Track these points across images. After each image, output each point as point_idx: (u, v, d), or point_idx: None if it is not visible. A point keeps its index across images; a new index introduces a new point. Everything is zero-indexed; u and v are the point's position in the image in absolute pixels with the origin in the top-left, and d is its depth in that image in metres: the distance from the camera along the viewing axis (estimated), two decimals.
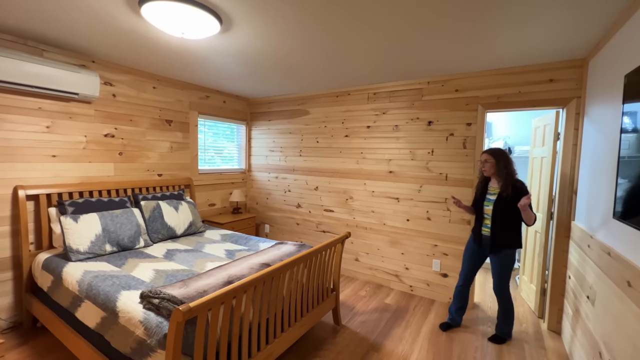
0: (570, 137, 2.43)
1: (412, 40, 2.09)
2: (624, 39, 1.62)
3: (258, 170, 4.40)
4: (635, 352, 1.26)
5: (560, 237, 2.48)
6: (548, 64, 2.47)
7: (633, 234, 1.35)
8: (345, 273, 3.65)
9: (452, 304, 2.55)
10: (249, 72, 3.02)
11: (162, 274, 1.99)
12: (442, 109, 2.96)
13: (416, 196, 3.14)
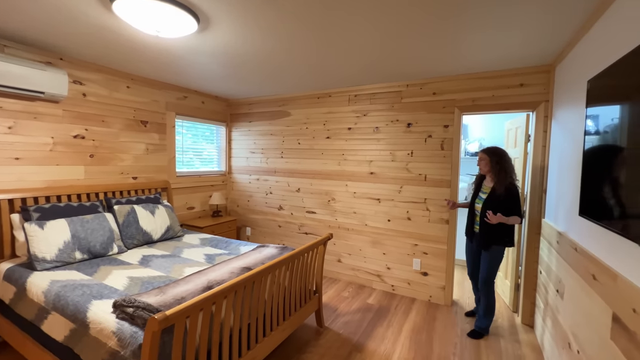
0: (540, 139, 2.56)
1: (391, 43, 2.13)
2: (587, 47, 1.72)
3: (239, 173, 4.32)
4: (600, 341, 1.34)
5: (532, 234, 2.60)
6: (518, 69, 2.59)
7: (596, 230, 1.44)
8: (328, 274, 3.65)
9: (476, 298, 2.69)
10: (229, 73, 2.97)
11: (137, 282, 1.90)
12: (420, 111, 3.04)
13: (397, 197, 3.19)
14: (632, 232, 1.10)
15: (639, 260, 1.08)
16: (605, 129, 1.36)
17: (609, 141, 1.32)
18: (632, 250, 1.11)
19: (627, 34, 1.26)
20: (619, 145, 1.22)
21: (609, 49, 1.41)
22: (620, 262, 1.21)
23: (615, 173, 1.24)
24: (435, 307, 2.96)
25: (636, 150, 1.09)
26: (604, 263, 1.33)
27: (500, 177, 2.27)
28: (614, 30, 1.40)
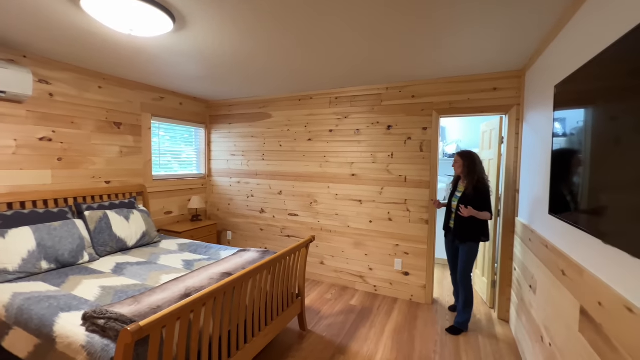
0: (513, 141, 2.67)
1: (371, 48, 2.16)
2: (553, 54, 1.82)
3: (219, 175, 4.23)
4: (569, 334, 1.40)
5: (507, 233, 2.70)
6: (492, 74, 2.69)
7: (564, 227, 1.51)
8: (311, 277, 3.64)
9: (454, 290, 2.88)
10: (208, 74, 2.90)
11: (110, 291, 1.81)
12: (400, 114, 3.09)
13: (378, 198, 3.23)
14: (595, 229, 1.16)
15: (602, 256, 1.14)
16: (572, 132, 1.43)
17: (575, 143, 1.39)
18: (597, 246, 1.17)
19: (588, 43, 1.34)
20: (582, 147, 1.29)
21: (573, 57, 1.50)
22: (586, 257, 1.28)
23: (579, 173, 1.31)
24: (416, 306, 3.01)
25: (597, 151, 1.16)
26: (572, 259, 1.40)
27: (469, 178, 2.47)
28: (576, 39, 1.48)
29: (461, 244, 2.51)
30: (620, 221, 1.00)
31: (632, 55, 0.97)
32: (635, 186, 0.92)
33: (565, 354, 1.43)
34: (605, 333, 1.09)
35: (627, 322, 0.96)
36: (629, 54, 0.99)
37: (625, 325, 0.97)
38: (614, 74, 1.08)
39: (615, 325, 1.03)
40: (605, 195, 1.10)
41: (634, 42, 0.96)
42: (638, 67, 0.93)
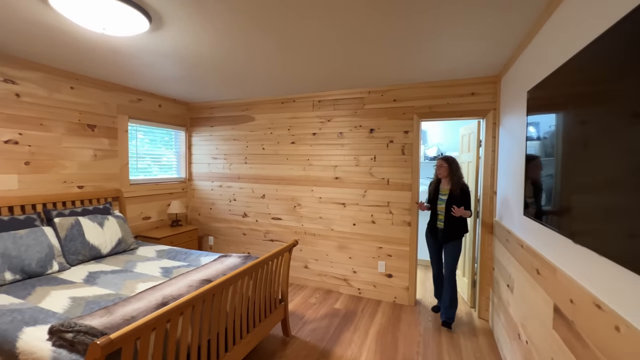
0: (490, 144, 2.75)
1: (353, 52, 2.17)
2: (526, 61, 1.89)
3: (200, 179, 4.14)
4: (544, 331, 1.45)
5: (485, 233, 2.77)
6: (470, 79, 2.77)
7: (538, 227, 1.56)
8: (295, 281, 3.60)
9: (435, 291, 2.97)
10: (187, 75, 2.84)
11: (81, 302, 1.72)
12: (382, 118, 3.13)
13: (361, 201, 3.25)
14: (566, 229, 1.20)
15: (573, 255, 1.18)
16: (543, 136, 1.49)
17: (546, 147, 1.44)
18: (567, 245, 1.22)
19: (556, 51, 1.40)
20: (552, 150, 1.34)
21: (543, 64, 1.56)
22: (559, 257, 1.32)
23: (551, 176, 1.36)
24: (399, 307, 3.04)
25: (567, 155, 1.20)
26: (545, 258, 1.45)
27: (454, 180, 2.65)
28: (546, 48, 1.54)
29: (448, 243, 2.66)
30: (588, 221, 1.04)
31: (596, 63, 1.02)
32: (600, 188, 0.96)
33: (540, 351, 1.48)
34: (576, 330, 1.13)
35: (596, 319, 1.00)
36: (593, 62, 1.04)
37: (595, 321, 1.01)
38: (580, 81, 1.13)
39: (586, 322, 1.07)
40: (574, 197, 1.14)
41: (596, 51, 1.01)
42: (602, 75, 0.98)
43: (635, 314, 0.83)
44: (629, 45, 0.85)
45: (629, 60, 0.84)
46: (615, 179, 0.87)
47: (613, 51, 0.92)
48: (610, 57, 0.94)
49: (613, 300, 0.93)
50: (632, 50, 0.83)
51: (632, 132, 0.81)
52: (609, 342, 0.93)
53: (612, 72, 0.92)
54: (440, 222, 2.72)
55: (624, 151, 0.84)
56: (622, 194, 0.85)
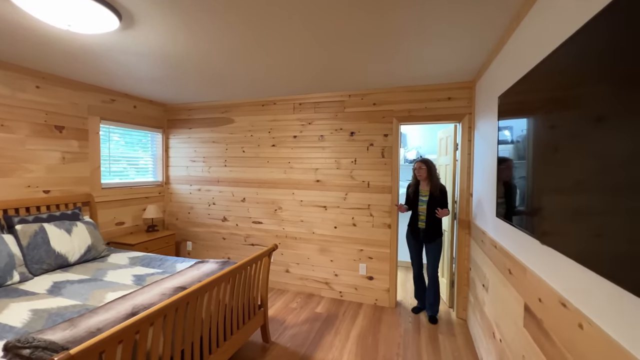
0: (466, 148, 2.83)
1: (333, 56, 2.18)
2: (498, 67, 1.96)
3: (177, 183, 4.02)
4: (516, 329, 1.49)
5: (462, 235, 2.84)
6: (446, 84, 2.84)
7: (509, 229, 1.61)
8: (276, 286, 3.55)
9: (416, 291, 3.02)
10: (163, 76, 2.75)
11: (43, 315, 1.61)
12: (362, 121, 3.16)
13: (342, 204, 3.25)
14: (534, 231, 1.24)
15: (541, 255, 1.22)
16: (513, 139, 1.54)
17: (519, 150, 1.49)
18: (536, 246, 1.26)
19: (523, 60, 1.45)
20: (519, 154, 1.39)
21: (513, 70, 1.62)
22: (528, 257, 1.37)
23: (520, 179, 1.40)
24: (380, 309, 3.05)
25: (535, 158, 1.25)
26: (516, 258, 1.49)
27: (433, 182, 2.79)
28: (514, 56, 1.60)
29: (431, 242, 2.80)
30: (554, 223, 1.08)
31: (559, 70, 1.06)
32: (567, 190, 1.00)
33: (512, 349, 1.52)
34: (545, 328, 1.16)
35: (562, 317, 1.03)
36: (557, 68, 1.08)
37: (560, 320, 1.04)
38: (545, 87, 1.17)
39: (553, 320, 1.10)
40: (543, 199, 1.18)
41: (560, 58, 1.06)
42: (566, 81, 1.02)
43: (597, 312, 0.86)
44: (588, 52, 0.89)
45: (590, 67, 0.88)
46: (581, 181, 0.91)
47: (574, 58, 0.97)
48: (573, 63, 0.98)
49: (577, 299, 0.96)
50: (592, 57, 0.87)
51: (597, 136, 0.83)
52: (573, 340, 0.96)
53: (576, 78, 0.96)
54: (422, 223, 2.83)
55: (589, 154, 0.87)
56: (586, 196, 0.88)
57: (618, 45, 0.75)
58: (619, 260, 0.73)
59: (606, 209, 0.78)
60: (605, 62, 0.80)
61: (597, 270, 0.83)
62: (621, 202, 0.73)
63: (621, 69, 0.74)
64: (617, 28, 0.76)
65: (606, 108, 0.79)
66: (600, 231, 0.80)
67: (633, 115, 0.69)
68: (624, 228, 0.71)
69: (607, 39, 0.80)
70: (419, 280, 2.98)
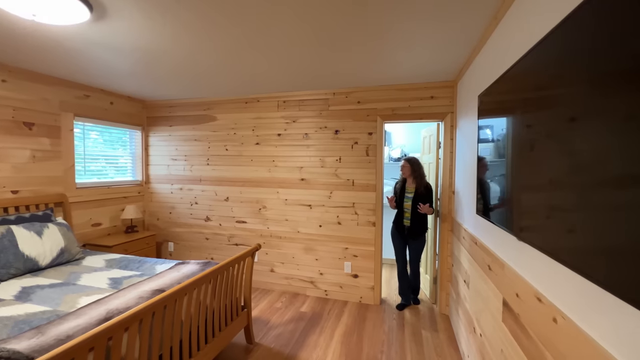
0: (448, 146, 2.87)
1: (317, 54, 2.15)
2: (477, 67, 1.99)
3: (158, 182, 3.90)
4: (495, 324, 1.52)
5: (445, 231, 2.89)
6: (429, 83, 2.87)
7: (488, 225, 1.64)
8: (261, 286, 3.51)
9: (400, 288, 3.10)
10: (141, 71, 2.65)
11: (8, 323, 1.52)
12: (347, 119, 3.15)
13: (327, 202, 3.24)
14: (512, 227, 1.26)
15: (519, 251, 1.25)
16: (491, 138, 1.57)
17: (494, 148, 1.52)
18: (513, 242, 1.28)
19: (500, 60, 1.48)
20: (501, 152, 1.41)
21: (491, 71, 1.64)
22: (507, 253, 1.39)
23: (498, 177, 1.43)
24: (365, 307, 3.06)
25: (513, 156, 1.27)
26: (495, 254, 1.52)
27: (418, 180, 2.89)
28: (493, 56, 1.63)
29: (415, 239, 2.93)
30: (530, 220, 1.10)
31: (534, 70, 1.08)
32: (542, 188, 1.01)
33: (492, 343, 1.55)
34: (521, 322, 1.18)
35: (537, 311, 1.05)
36: (532, 68, 1.10)
37: (536, 314, 1.06)
38: (519, 87, 1.19)
39: (529, 314, 1.12)
40: (519, 197, 1.20)
41: (534, 58, 1.07)
42: (540, 81, 1.03)
43: (571, 306, 0.88)
44: (558, 54, 0.90)
45: (562, 69, 0.89)
46: (554, 179, 0.92)
47: (546, 60, 0.98)
48: (545, 65, 0.99)
49: (552, 294, 0.98)
50: (563, 59, 0.88)
51: (570, 136, 0.85)
52: (548, 333, 0.98)
53: (548, 79, 0.98)
54: (407, 220, 2.93)
55: (563, 153, 0.88)
56: (559, 193, 0.90)
57: (587, 47, 0.77)
58: (589, 255, 0.75)
59: (578, 206, 0.80)
60: (575, 65, 0.82)
61: (569, 265, 0.84)
62: (592, 199, 0.74)
63: (591, 71, 0.75)
64: (584, 31, 0.78)
65: (578, 109, 0.81)
66: (572, 227, 0.82)
67: (602, 116, 0.71)
68: (594, 224, 0.73)
69: (575, 42, 0.81)
70: (403, 276, 3.04)
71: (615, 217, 0.66)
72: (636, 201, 0.61)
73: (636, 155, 0.61)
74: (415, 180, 2.91)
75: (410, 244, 2.97)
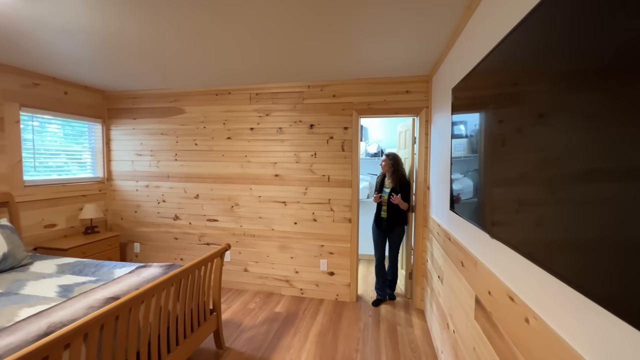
0: (423, 141, 2.85)
1: (289, 45, 2.03)
2: (450, 62, 1.95)
3: (122, 179, 3.64)
4: (467, 320, 1.50)
5: (420, 227, 2.88)
6: (404, 77, 2.84)
7: (461, 222, 1.61)
8: (234, 286, 3.37)
9: (376, 282, 3.12)
10: (97, 58, 2.42)
11: None
12: (322, 113, 3.06)
13: (302, 199, 3.15)
14: (484, 223, 1.23)
15: (489, 247, 1.22)
16: (464, 133, 1.53)
17: (467, 143, 1.48)
18: (486, 239, 1.25)
19: (470, 57, 1.44)
20: (474, 147, 1.38)
21: (462, 66, 1.61)
22: (479, 249, 1.37)
23: (475, 171, 1.40)
24: (341, 305, 3.02)
25: (485, 152, 1.23)
26: (468, 251, 1.50)
27: (394, 175, 2.97)
28: (464, 52, 1.59)
29: (391, 231, 3.01)
30: (501, 216, 1.06)
31: (497, 68, 1.03)
32: (510, 184, 0.98)
33: (464, 340, 1.53)
34: (494, 321, 1.16)
35: (510, 310, 1.02)
36: (500, 64, 1.06)
37: (508, 313, 1.03)
38: (486, 84, 1.15)
39: (501, 313, 1.09)
40: (490, 193, 1.17)
41: (502, 52, 1.03)
42: (510, 77, 0.99)
43: (542, 306, 0.84)
44: (524, 51, 0.86)
45: (527, 65, 0.85)
46: (524, 174, 0.88)
47: (512, 55, 0.94)
48: (511, 60, 0.95)
49: (524, 293, 0.95)
50: (529, 55, 0.83)
51: (538, 132, 0.81)
52: (520, 334, 0.95)
53: (516, 75, 0.93)
54: (384, 213, 3.02)
55: (532, 149, 0.84)
56: (528, 188, 0.86)
57: (551, 44, 0.73)
58: (558, 251, 0.71)
59: (546, 201, 0.76)
60: (540, 61, 0.79)
61: (540, 264, 0.80)
62: (559, 194, 0.70)
63: (555, 69, 0.74)
64: (548, 27, 0.74)
65: (547, 105, 0.77)
66: (540, 221, 0.78)
67: (569, 112, 0.68)
68: (563, 220, 0.69)
69: (540, 38, 0.78)
70: (380, 270, 3.07)
71: (582, 212, 0.62)
72: (601, 196, 0.57)
73: (598, 151, 0.59)
74: (392, 176, 2.98)
75: (388, 236, 3.06)
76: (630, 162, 0.52)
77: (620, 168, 0.54)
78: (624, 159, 0.53)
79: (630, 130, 0.52)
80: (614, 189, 0.56)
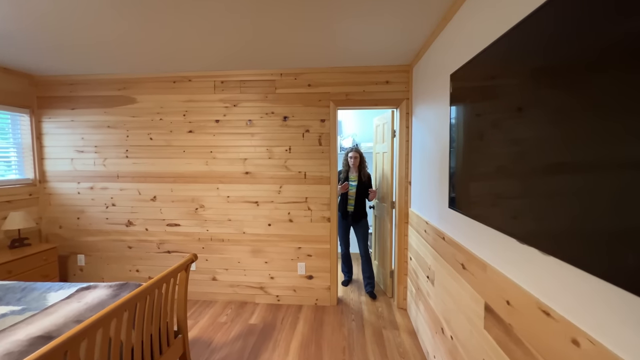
0: (404, 135, 2.73)
1: (259, 25, 1.75)
2: (435, 53, 1.81)
3: (59, 180, 3.08)
4: (471, 327, 1.37)
5: (401, 223, 2.77)
6: (384, 66, 2.68)
7: (466, 221, 1.47)
8: (202, 297, 3.02)
9: (343, 267, 3.40)
10: (18, 32, 1.92)
11: None
12: (296, 104, 2.80)
13: (276, 198, 2.88)
14: (499, 223, 1.09)
15: (516, 252, 1.08)
16: (464, 124, 1.39)
17: (461, 137, 1.34)
18: (509, 243, 1.11)
19: (459, 50, 1.29)
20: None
21: (455, 55, 1.46)
22: (490, 252, 1.23)
23: (482, 168, 1.25)
24: (322, 310, 2.83)
25: (482, 146, 1.09)
26: (472, 253, 1.37)
27: (363, 170, 3.14)
28: (451, 43, 1.45)
29: (358, 222, 3.14)
30: (545, 224, 0.92)
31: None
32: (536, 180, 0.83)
33: (469, 349, 1.41)
34: (516, 334, 1.02)
35: (543, 326, 0.88)
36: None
37: (540, 328, 0.90)
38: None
39: (527, 327, 0.96)
40: (511, 190, 1.02)
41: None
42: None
43: (595, 323, 0.70)
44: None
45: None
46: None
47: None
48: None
49: (568, 309, 0.81)
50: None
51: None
52: (566, 356, 0.81)
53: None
54: (351, 206, 3.14)
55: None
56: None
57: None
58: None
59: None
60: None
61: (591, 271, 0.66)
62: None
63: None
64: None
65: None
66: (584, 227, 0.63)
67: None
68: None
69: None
70: (346, 257, 3.35)
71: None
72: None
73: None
74: (360, 170, 3.11)
75: (355, 228, 3.18)
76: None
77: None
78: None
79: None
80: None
